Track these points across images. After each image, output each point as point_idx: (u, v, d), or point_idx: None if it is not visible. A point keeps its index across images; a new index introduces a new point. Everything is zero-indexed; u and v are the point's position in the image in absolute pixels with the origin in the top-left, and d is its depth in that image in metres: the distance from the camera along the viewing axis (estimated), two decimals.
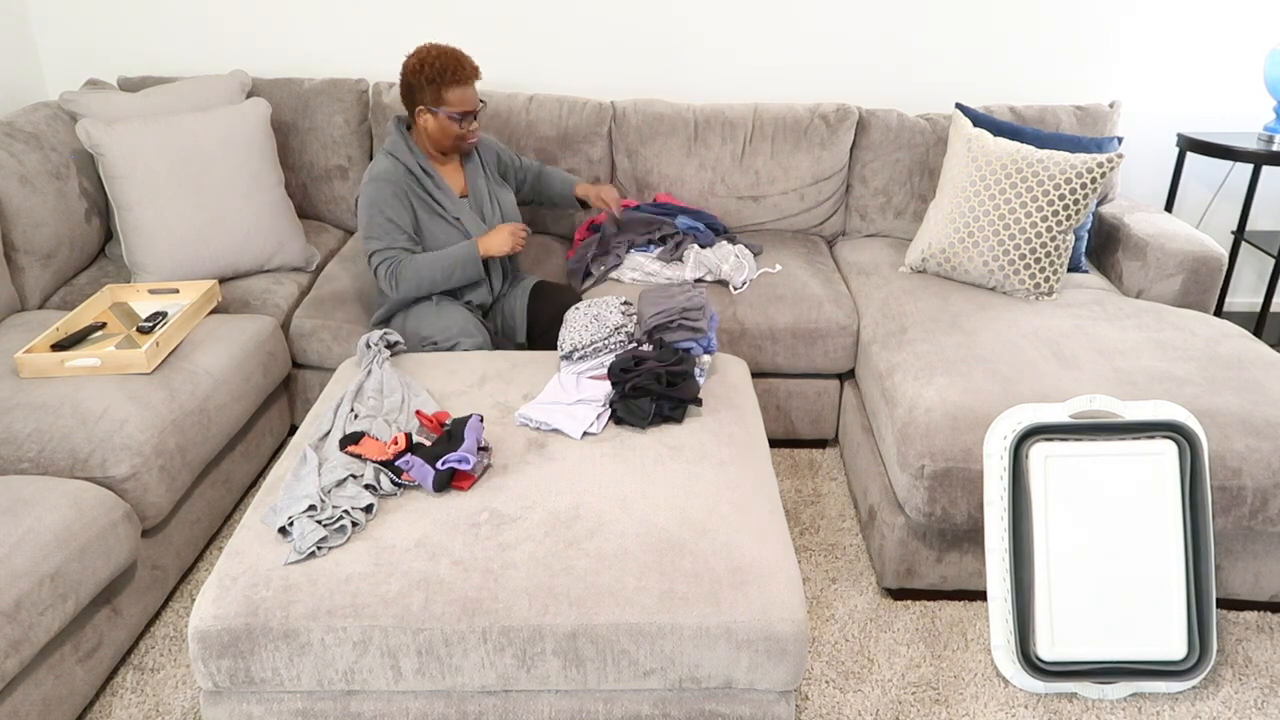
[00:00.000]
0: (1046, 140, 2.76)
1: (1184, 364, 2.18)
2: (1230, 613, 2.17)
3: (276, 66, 3.26)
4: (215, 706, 1.60)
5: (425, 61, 2.31)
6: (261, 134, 2.78)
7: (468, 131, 2.39)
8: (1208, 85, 3.30)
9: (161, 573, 2.08)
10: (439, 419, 1.91)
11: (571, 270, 2.79)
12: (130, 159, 2.55)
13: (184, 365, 2.20)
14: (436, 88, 2.31)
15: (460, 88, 2.32)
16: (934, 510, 2.00)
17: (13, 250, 2.49)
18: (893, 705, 1.91)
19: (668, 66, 3.27)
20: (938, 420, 2.00)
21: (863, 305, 2.67)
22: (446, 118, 2.34)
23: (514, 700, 1.60)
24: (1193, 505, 1.92)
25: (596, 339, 2.15)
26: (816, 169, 3.06)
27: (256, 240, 2.71)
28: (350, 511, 1.65)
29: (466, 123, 2.38)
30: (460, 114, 2.35)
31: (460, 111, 2.34)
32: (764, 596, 1.54)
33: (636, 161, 3.07)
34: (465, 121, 2.37)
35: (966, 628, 2.12)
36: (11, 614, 1.58)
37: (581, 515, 1.67)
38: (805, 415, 2.75)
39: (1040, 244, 2.53)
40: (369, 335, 2.20)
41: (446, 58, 2.31)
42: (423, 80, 2.31)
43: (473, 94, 2.36)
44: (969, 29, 3.22)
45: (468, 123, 2.38)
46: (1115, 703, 1.92)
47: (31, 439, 1.92)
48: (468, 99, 2.34)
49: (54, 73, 3.26)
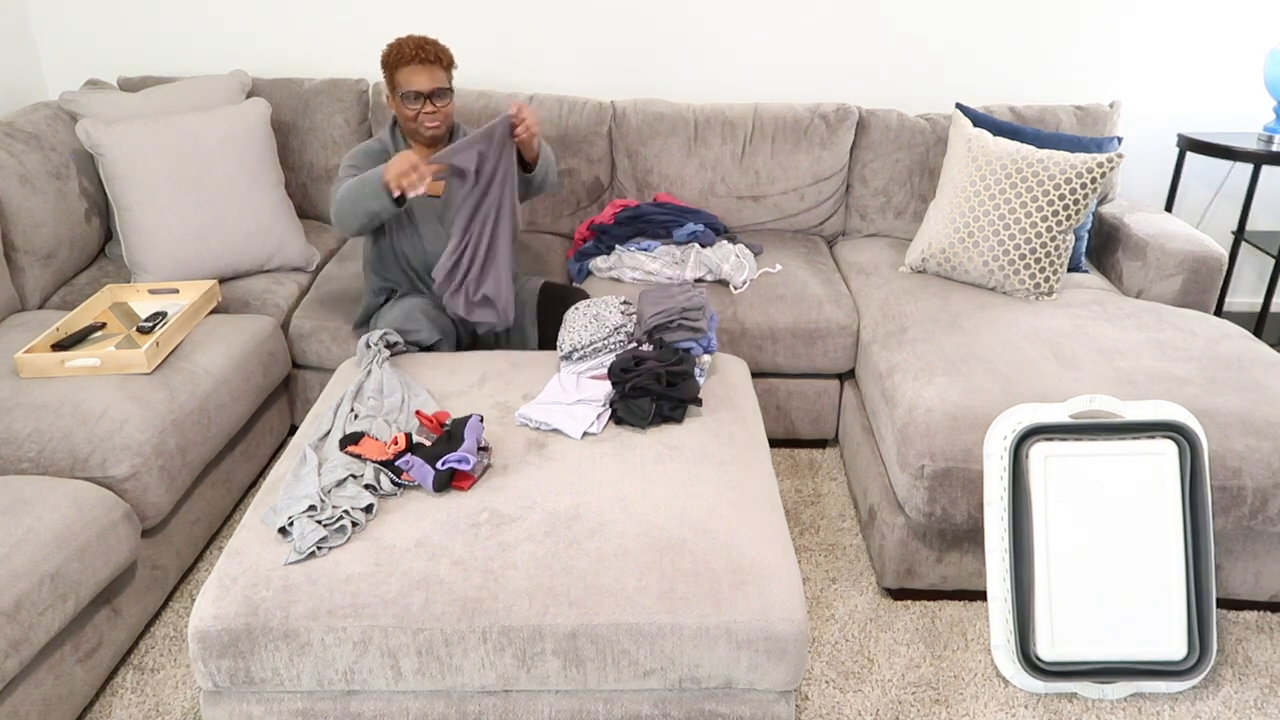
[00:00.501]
0: (1046, 140, 2.76)
1: (1184, 364, 2.18)
2: (1230, 613, 2.17)
3: (276, 66, 3.26)
4: (215, 706, 1.60)
5: (389, 45, 2.33)
6: (261, 134, 2.78)
7: (421, 114, 2.33)
8: (1208, 85, 3.30)
9: (161, 573, 2.08)
10: (439, 419, 1.91)
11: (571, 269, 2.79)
12: (130, 159, 2.55)
13: (184, 365, 2.20)
14: (392, 70, 2.32)
15: (409, 67, 2.30)
16: (934, 510, 2.00)
17: (13, 250, 2.49)
18: (893, 705, 1.91)
19: (668, 66, 3.28)
20: (938, 420, 2.00)
21: (863, 305, 2.67)
22: (400, 99, 2.33)
23: (514, 700, 1.60)
24: (1193, 505, 1.92)
25: (596, 339, 2.15)
26: (816, 169, 3.06)
27: (256, 240, 2.71)
28: (350, 511, 1.65)
29: (415, 103, 2.31)
30: (408, 93, 2.31)
31: (409, 91, 2.30)
32: (764, 596, 1.54)
33: (636, 161, 3.07)
34: (414, 102, 2.31)
35: (966, 628, 2.12)
36: (11, 614, 1.58)
37: (581, 515, 1.67)
38: (805, 415, 2.75)
39: (1040, 244, 2.53)
40: (369, 335, 2.20)
41: (404, 41, 2.31)
42: (384, 63, 2.34)
43: (424, 76, 2.30)
44: (969, 29, 3.22)
45: (417, 103, 2.31)
46: (1115, 703, 1.92)
47: (31, 439, 1.92)
48: (416, 79, 2.30)
49: (54, 73, 3.26)
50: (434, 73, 2.31)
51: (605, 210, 2.95)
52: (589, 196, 3.13)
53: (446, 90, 2.35)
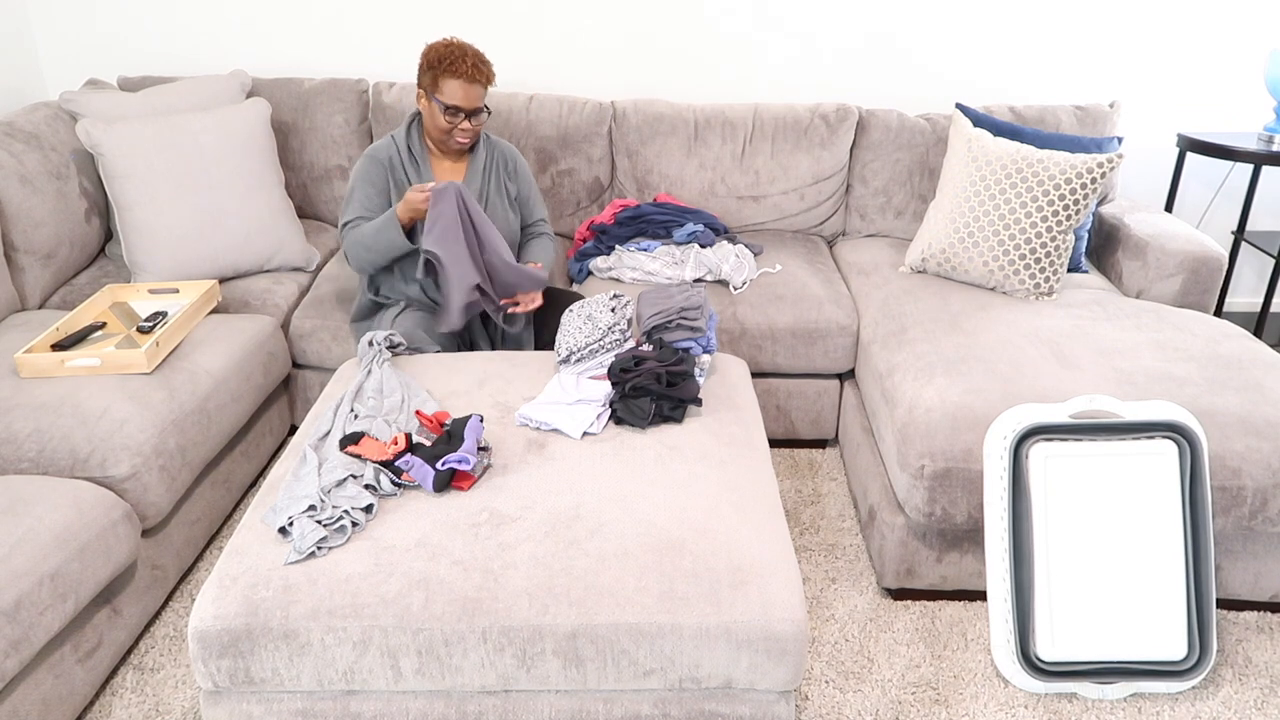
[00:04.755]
0: (1046, 140, 2.76)
1: (1184, 364, 2.18)
2: (1230, 613, 2.17)
3: (276, 66, 3.26)
4: (215, 706, 1.60)
5: (437, 47, 2.33)
6: (261, 134, 2.78)
7: (455, 128, 2.35)
8: (1208, 85, 3.30)
9: (161, 573, 2.08)
10: (439, 419, 1.91)
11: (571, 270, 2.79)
12: (130, 159, 2.55)
13: (184, 365, 2.20)
14: (435, 74, 2.32)
15: (456, 80, 2.30)
16: (934, 510, 2.00)
17: (13, 250, 2.49)
18: (893, 705, 1.91)
19: (668, 66, 3.28)
20: (938, 420, 2.00)
21: (863, 305, 2.67)
22: (437, 106, 2.33)
23: (514, 700, 1.60)
24: (1193, 505, 1.92)
25: (591, 340, 2.15)
26: (816, 169, 3.06)
27: (256, 240, 2.71)
28: (350, 511, 1.65)
29: (453, 117, 2.34)
30: (448, 106, 2.32)
31: (449, 104, 2.32)
32: (764, 596, 1.54)
33: (636, 161, 3.07)
34: (452, 115, 2.33)
35: (966, 628, 2.12)
36: (11, 614, 1.58)
37: (581, 515, 1.67)
38: (805, 415, 2.75)
39: (1040, 244, 2.53)
40: (371, 335, 2.20)
41: (455, 49, 2.32)
42: (428, 63, 2.33)
43: (469, 92, 2.32)
44: (969, 29, 3.22)
45: (455, 118, 2.34)
46: (1115, 703, 1.92)
47: (31, 439, 1.92)
48: (460, 94, 2.31)
49: (54, 73, 3.26)
50: (478, 91, 2.34)
51: (605, 210, 2.96)
52: (589, 196, 3.13)
53: (485, 109, 2.39)
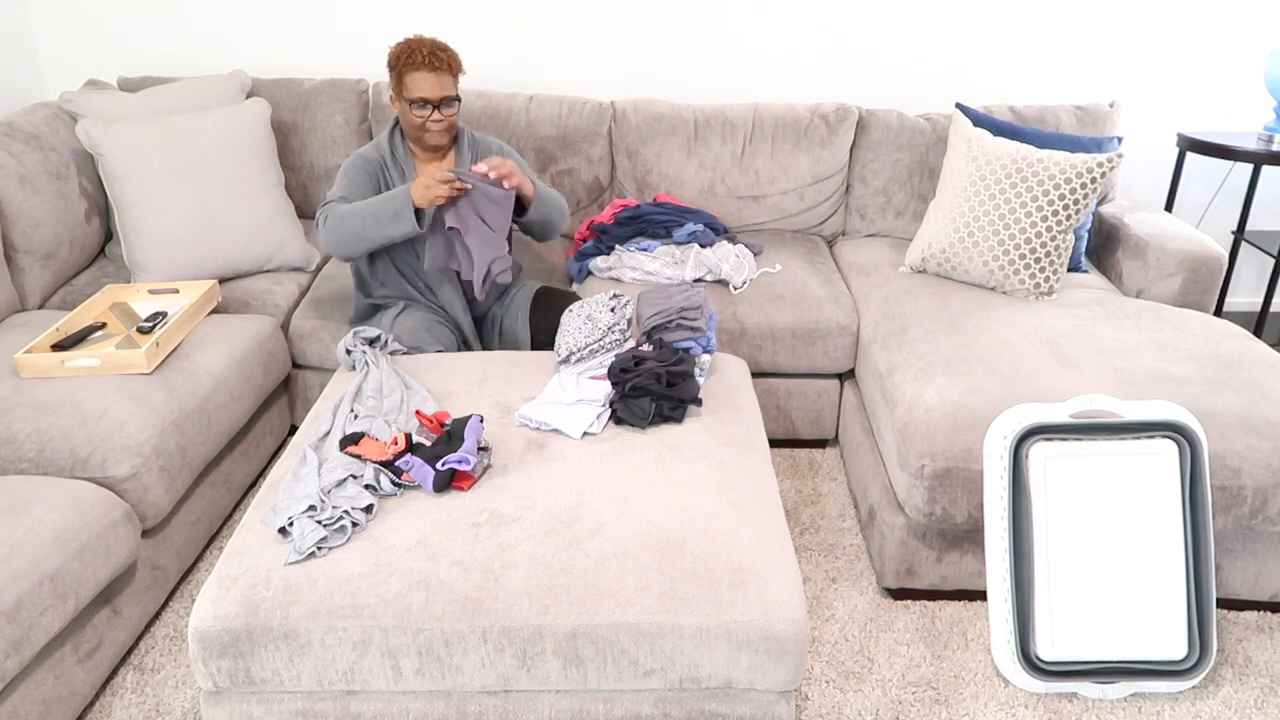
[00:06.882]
0: (1046, 140, 2.76)
1: (1184, 364, 2.18)
2: (1230, 613, 2.17)
3: (276, 66, 3.26)
4: (215, 706, 1.60)
5: (396, 46, 2.30)
6: (261, 134, 2.78)
7: (426, 121, 2.31)
8: (1208, 85, 3.30)
9: (161, 573, 2.08)
10: (439, 419, 1.91)
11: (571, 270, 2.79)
12: (130, 159, 2.55)
13: (184, 365, 2.20)
14: (399, 71, 2.29)
15: (417, 73, 2.26)
16: (934, 510, 2.00)
17: (13, 250, 2.49)
18: (893, 705, 1.91)
19: (668, 66, 3.28)
20: (938, 420, 2.00)
21: (863, 305, 2.67)
22: (406, 104, 2.30)
23: (514, 700, 1.60)
24: (1193, 505, 1.92)
25: (590, 341, 2.15)
26: (816, 169, 3.06)
27: (256, 240, 2.71)
28: (350, 512, 1.65)
29: (421, 110, 2.29)
30: (414, 100, 2.28)
31: (414, 97, 2.27)
32: (764, 596, 1.54)
33: (636, 161, 3.07)
34: (420, 108, 2.29)
35: (966, 628, 2.12)
36: (11, 614, 1.58)
37: (581, 515, 1.67)
38: (805, 415, 2.75)
39: (1040, 244, 2.53)
40: (344, 341, 2.20)
41: (413, 42, 2.28)
42: (390, 63, 2.31)
43: (431, 81, 2.26)
44: (969, 29, 3.22)
45: (424, 111, 2.29)
46: (1115, 703, 1.92)
47: (31, 439, 1.92)
48: (424, 85, 2.26)
49: (54, 73, 3.26)
50: (443, 80, 2.28)
51: (605, 210, 2.95)
52: (589, 196, 3.13)
53: (454, 98, 2.32)
